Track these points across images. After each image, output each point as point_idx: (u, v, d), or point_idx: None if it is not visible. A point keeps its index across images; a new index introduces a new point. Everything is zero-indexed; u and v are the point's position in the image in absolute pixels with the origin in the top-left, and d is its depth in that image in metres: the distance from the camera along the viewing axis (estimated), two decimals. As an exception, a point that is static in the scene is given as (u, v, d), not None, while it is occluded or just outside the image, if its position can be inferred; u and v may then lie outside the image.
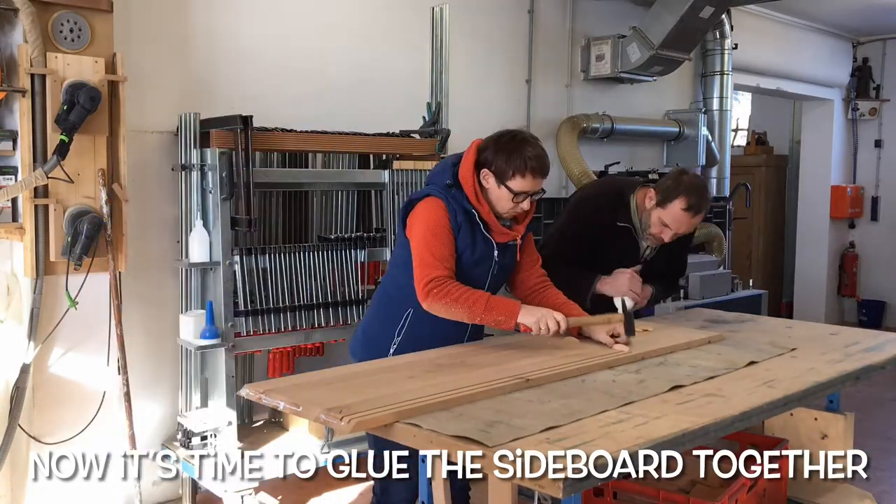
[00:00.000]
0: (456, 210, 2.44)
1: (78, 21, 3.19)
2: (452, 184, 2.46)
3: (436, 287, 2.35)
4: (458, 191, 2.45)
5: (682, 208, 2.80)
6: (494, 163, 2.42)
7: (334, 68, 4.33)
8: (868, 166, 8.71)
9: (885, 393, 5.82)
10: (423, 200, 2.47)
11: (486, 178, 2.44)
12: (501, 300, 2.38)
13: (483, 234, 2.48)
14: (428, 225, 2.42)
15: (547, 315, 2.34)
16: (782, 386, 2.09)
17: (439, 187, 2.47)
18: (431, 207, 2.44)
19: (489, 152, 2.44)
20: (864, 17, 7.57)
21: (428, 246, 2.40)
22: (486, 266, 2.51)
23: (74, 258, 3.16)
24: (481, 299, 2.35)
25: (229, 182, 3.44)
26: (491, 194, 2.45)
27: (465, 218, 2.45)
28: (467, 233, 2.45)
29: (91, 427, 3.43)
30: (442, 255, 2.39)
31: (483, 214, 2.46)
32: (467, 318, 2.38)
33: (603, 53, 5.70)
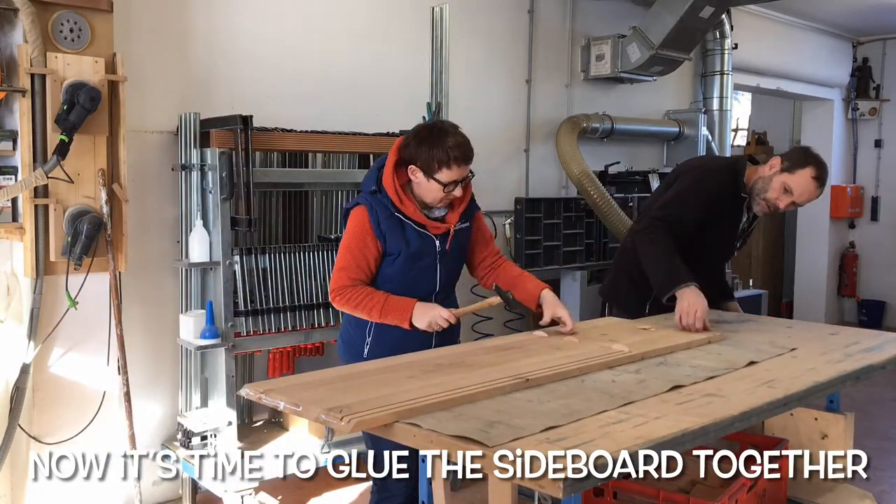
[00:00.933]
0: (379, 215, 2.51)
1: (78, 21, 3.19)
2: (377, 189, 2.53)
3: (338, 296, 2.53)
4: (382, 195, 2.51)
5: (812, 176, 2.92)
6: (419, 158, 2.46)
7: (334, 68, 4.33)
8: (868, 166, 8.71)
9: (885, 393, 5.82)
10: (352, 210, 2.57)
11: (414, 173, 2.49)
12: (397, 303, 2.48)
13: (415, 230, 2.53)
14: (346, 236, 2.57)
15: (436, 316, 2.45)
16: (782, 386, 2.09)
17: (366, 194, 2.56)
18: (353, 218, 2.56)
19: (411, 148, 2.48)
20: (864, 17, 7.57)
21: (340, 257, 2.57)
22: (431, 258, 2.57)
23: (74, 258, 3.16)
24: (378, 304, 2.48)
25: (229, 182, 3.44)
26: (421, 188, 2.50)
27: (390, 221, 2.51)
28: (397, 234, 2.52)
29: (91, 427, 3.43)
30: (348, 265, 2.53)
31: (409, 214, 2.51)
32: (369, 318, 2.53)
33: (603, 53, 5.70)
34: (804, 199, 2.97)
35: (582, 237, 5.43)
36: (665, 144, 6.44)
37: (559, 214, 5.29)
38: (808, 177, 2.93)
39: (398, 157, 2.51)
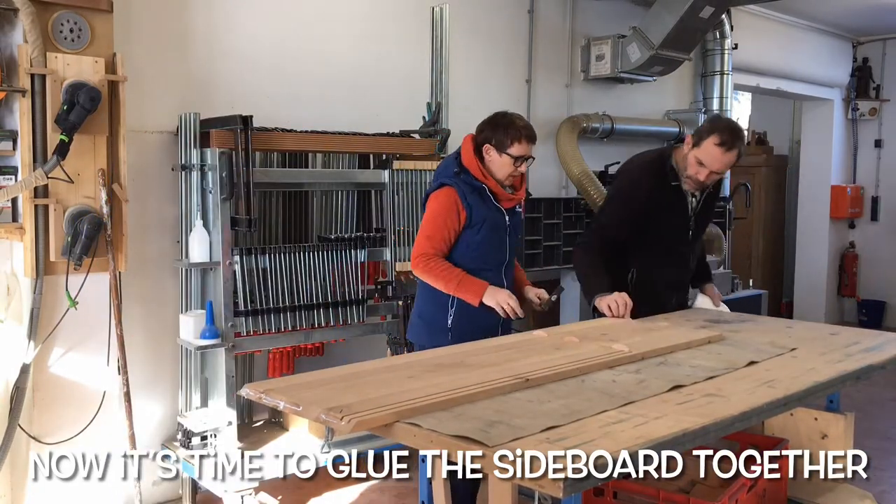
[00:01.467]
0: (465, 192, 2.87)
1: (78, 21, 3.19)
2: (459, 171, 2.90)
3: (421, 262, 2.87)
4: (465, 174, 2.89)
5: (714, 143, 2.93)
6: (494, 138, 2.89)
7: (334, 68, 4.33)
8: (868, 166, 8.71)
9: (885, 393, 5.82)
10: (436, 191, 2.92)
11: (489, 151, 2.89)
12: (471, 281, 2.83)
13: (494, 204, 2.92)
14: (430, 211, 2.91)
15: (504, 297, 2.80)
16: (782, 386, 2.09)
17: (448, 177, 2.91)
18: (439, 195, 2.90)
19: (487, 132, 2.91)
20: (864, 17, 7.57)
21: (425, 229, 2.90)
22: (502, 232, 2.95)
23: (74, 258, 3.16)
24: (455, 277, 2.83)
25: (229, 182, 3.44)
26: (493, 165, 2.90)
27: (475, 195, 2.88)
28: (480, 207, 2.89)
29: (91, 427, 3.43)
30: (434, 236, 2.87)
31: (491, 186, 2.90)
32: (444, 289, 2.85)
33: (603, 53, 5.70)
34: (717, 166, 2.98)
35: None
36: (665, 144, 6.44)
37: (559, 214, 5.29)
38: (712, 145, 2.94)
39: (474, 143, 2.92)
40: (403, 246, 3.94)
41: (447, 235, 2.87)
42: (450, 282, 2.82)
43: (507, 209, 2.96)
